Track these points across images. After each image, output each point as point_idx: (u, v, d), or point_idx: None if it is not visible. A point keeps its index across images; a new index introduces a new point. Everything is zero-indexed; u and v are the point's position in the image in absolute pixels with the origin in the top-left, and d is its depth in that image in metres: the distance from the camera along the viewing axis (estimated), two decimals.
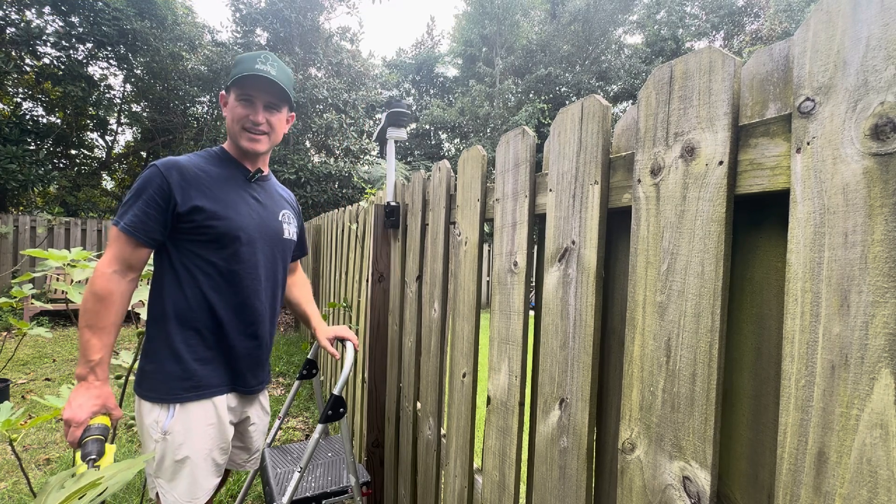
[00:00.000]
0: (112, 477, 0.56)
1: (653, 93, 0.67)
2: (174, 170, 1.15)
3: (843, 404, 0.46)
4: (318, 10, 10.14)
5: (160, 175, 1.13)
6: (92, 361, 1.04)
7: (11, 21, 7.85)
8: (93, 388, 1.04)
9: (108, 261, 1.10)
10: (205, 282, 1.19)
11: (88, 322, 1.06)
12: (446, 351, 1.40)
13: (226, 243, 1.20)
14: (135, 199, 1.12)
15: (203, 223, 1.16)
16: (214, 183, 1.21)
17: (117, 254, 1.11)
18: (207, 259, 1.19)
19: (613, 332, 0.80)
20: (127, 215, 1.11)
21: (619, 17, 15.90)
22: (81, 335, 1.05)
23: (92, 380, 1.05)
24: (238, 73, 1.20)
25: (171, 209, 1.14)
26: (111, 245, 1.11)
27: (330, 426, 2.78)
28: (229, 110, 1.24)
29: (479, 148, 1.17)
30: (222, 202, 1.20)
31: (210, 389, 1.21)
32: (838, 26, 0.47)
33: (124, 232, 1.10)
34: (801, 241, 0.50)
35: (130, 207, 1.12)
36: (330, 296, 3.58)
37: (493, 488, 1.06)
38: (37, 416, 3.11)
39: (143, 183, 1.13)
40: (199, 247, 1.18)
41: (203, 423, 1.19)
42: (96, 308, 1.06)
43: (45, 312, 6.31)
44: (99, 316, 1.06)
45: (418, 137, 17.08)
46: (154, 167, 1.14)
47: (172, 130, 9.67)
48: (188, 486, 1.17)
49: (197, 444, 1.18)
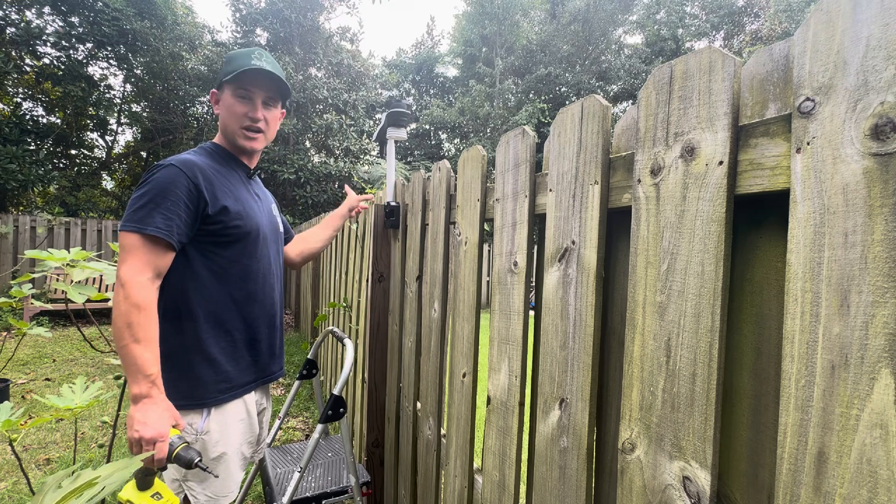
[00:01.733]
0: (109, 476, 0.56)
1: (653, 93, 0.67)
2: (196, 170, 1.10)
3: (843, 404, 0.46)
4: (318, 10, 10.14)
5: (184, 176, 1.08)
6: (151, 375, 0.99)
7: (11, 21, 7.85)
8: (160, 401, 1.00)
9: (139, 268, 1.02)
10: (231, 281, 1.19)
11: (135, 336, 0.98)
12: (446, 351, 1.40)
13: (248, 242, 1.21)
14: (158, 201, 1.05)
15: (230, 223, 1.16)
16: (228, 182, 1.20)
17: (147, 260, 1.03)
18: (230, 258, 1.18)
19: (613, 332, 0.80)
20: (153, 219, 1.03)
21: (618, 17, 15.90)
22: (129, 352, 0.98)
23: (156, 394, 1.00)
24: (233, 69, 1.17)
25: (200, 211, 1.10)
26: (135, 252, 1.02)
27: (330, 426, 2.78)
28: (224, 108, 1.22)
29: (479, 148, 1.17)
30: (241, 201, 1.21)
31: (242, 388, 1.23)
32: (838, 26, 0.47)
33: (155, 236, 1.03)
34: (801, 241, 0.50)
35: (154, 210, 1.04)
36: (330, 296, 3.58)
37: (493, 488, 1.05)
38: (37, 416, 3.11)
39: (165, 184, 1.06)
40: (222, 247, 1.17)
41: (236, 419, 1.21)
42: (140, 320, 0.99)
43: (45, 312, 6.31)
44: (144, 327, 1.00)
45: (418, 137, 17.08)
46: (173, 167, 1.08)
47: (172, 130, 9.67)
48: (222, 481, 1.18)
49: (232, 439, 1.19)
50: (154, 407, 0.98)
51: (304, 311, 5.49)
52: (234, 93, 1.19)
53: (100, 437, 2.96)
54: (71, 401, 1.33)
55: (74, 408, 1.31)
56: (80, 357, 4.73)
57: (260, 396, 1.35)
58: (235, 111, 1.20)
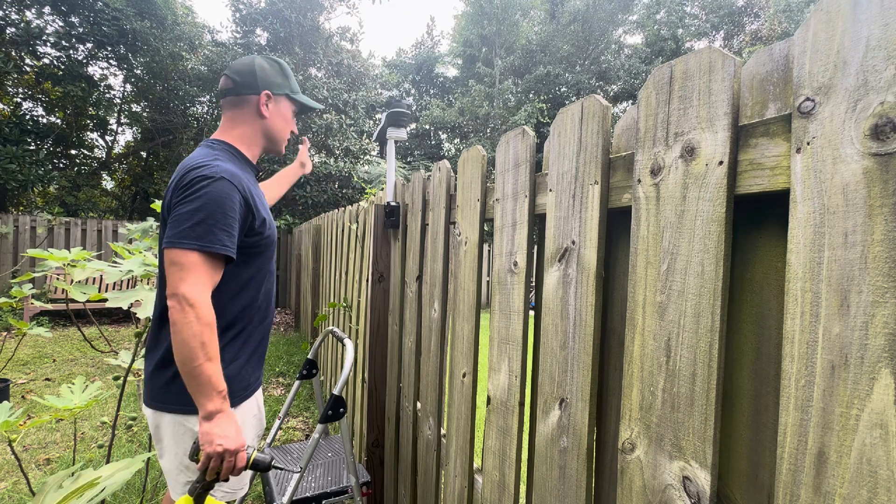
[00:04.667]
0: (110, 476, 0.56)
1: (653, 93, 0.67)
2: (244, 183, 1.11)
3: (843, 404, 0.46)
4: (318, 10, 10.14)
5: (236, 190, 1.07)
6: (223, 391, 1.01)
7: (11, 21, 7.85)
8: (231, 415, 1.03)
9: (204, 286, 1.01)
10: (256, 287, 1.21)
11: (209, 354, 0.99)
12: (446, 351, 1.40)
13: (273, 248, 1.26)
14: (217, 216, 1.03)
15: (265, 233, 1.19)
16: (257, 190, 1.22)
17: (209, 277, 1.03)
18: (259, 266, 1.21)
19: (613, 332, 0.80)
20: (216, 235, 1.02)
21: (618, 17, 15.90)
22: (203, 371, 0.98)
23: (227, 408, 1.02)
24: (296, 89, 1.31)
25: (247, 224, 1.12)
26: (197, 269, 1.01)
27: (330, 426, 2.78)
28: (283, 118, 1.29)
29: (479, 148, 1.17)
30: (267, 208, 1.25)
31: (254, 387, 1.27)
32: (838, 26, 0.47)
33: (220, 253, 1.03)
34: (801, 241, 0.50)
35: (214, 227, 1.02)
36: (330, 296, 3.58)
37: (493, 488, 1.06)
38: (37, 416, 3.11)
39: (221, 199, 1.04)
40: (254, 257, 1.19)
41: (250, 416, 1.25)
42: (212, 338, 1.00)
43: (45, 312, 6.31)
44: (214, 345, 1.01)
45: (418, 137, 17.07)
46: (225, 181, 1.06)
47: (172, 130, 9.67)
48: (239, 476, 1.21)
49: (248, 435, 1.23)
50: (229, 420, 1.02)
51: (304, 311, 5.49)
52: (294, 109, 1.33)
53: (100, 438, 2.96)
54: (70, 401, 1.33)
55: (74, 408, 1.31)
56: (80, 357, 4.73)
57: None
58: (290, 125, 1.32)
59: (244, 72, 1.22)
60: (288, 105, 1.29)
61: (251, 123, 1.24)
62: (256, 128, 1.25)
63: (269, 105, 1.24)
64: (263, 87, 1.23)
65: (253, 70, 1.22)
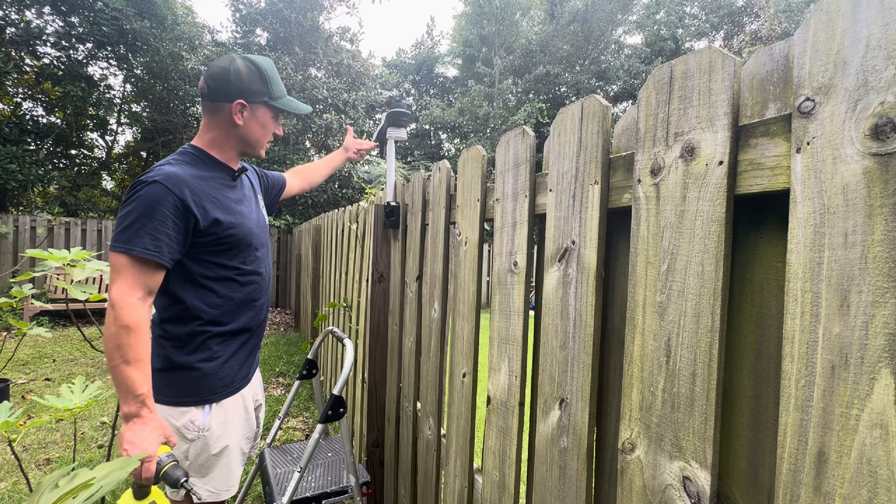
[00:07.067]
0: (105, 476, 0.56)
1: (653, 93, 0.67)
2: (182, 185, 1.09)
3: (843, 404, 0.46)
4: (317, 10, 10.14)
5: (169, 192, 1.06)
6: (141, 395, 1.00)
7: (11, 21, 7.85)
8: (149, 420, 1.01)
9: (128, 289, 1.02)
10: (229, 286, 1.22)
11: (125, 357, 0.99)
12: (446, 351, 1.40)
13: (242, 247, 1.24)
14: (144, 220, 1.04)
15: (223, 234, 1.17)
16: (215, 190, 1.19)
17: (136, 280, 1.03)
18: (226, 265, 1.21)
19: (613, 332, 0.80)
20: (140, 239, 1.03)
21: (618, 17, 15.89)
22: (119, 373, 0.99)
23: (145, 413, 1.01)
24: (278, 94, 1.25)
25: (190, 226, 1.10)
26: (124, 272, 1.02)
27: (330, 426, 2.78)
28: (260, 125, 1.24)
29: (479, 148, 1.17)
30: (229, 209, 1.21)
31: (239, 383, 1.27)
32: (838, 26, 0.47)
33: (143, 257, 1.03)
34: (801, 241, 0.50)
35: (140, 230, 1.03)
36: (330, 296, 3.58)
37: (493, 488, 1.05)
38: (36, 416, 3.11)
39: (151, 202, 1.04)
40: (217, 256, 1.19)
41: (235, 413, 1.25)
42: (129, 340, 1.00)
43: (45, 312, 6.31)
44: (134, 348, 1.00)
45: (418, 137, 17.06)
46: (157, 184, 1.06)
47: (172, 130, 9.67)
48: (224, 476, 1.22)
49: (232, 433, 1.24)
50: (143, 427, 1.00)
51: (304, 311, 5.49)
52: (274, 115, 1.28)
53: (99, 438, 2.96)
54: (70, 401, 1.33)
55: (73, 408, 1.31)
56: (80, 357, 4.73)
57: (256, 390, 1.39)
58: (269, 130, 1.28)
59: (218, 77, 1.17)
60: (266, 112, 1.24)
61: (225, 129, 1.22)
62: (231, 133, 1.23)
63: (243, 113, 1.20)
64: (237, 95, 1.18)
65: (227, 77, 1.17)
